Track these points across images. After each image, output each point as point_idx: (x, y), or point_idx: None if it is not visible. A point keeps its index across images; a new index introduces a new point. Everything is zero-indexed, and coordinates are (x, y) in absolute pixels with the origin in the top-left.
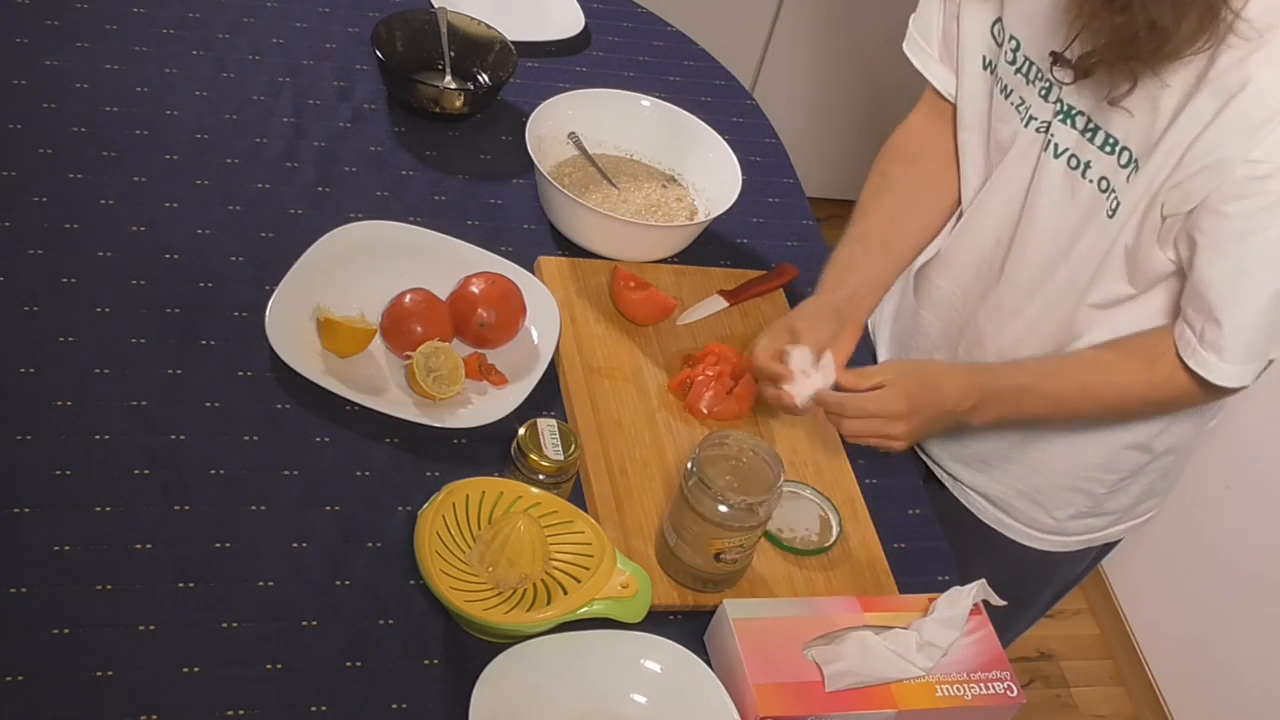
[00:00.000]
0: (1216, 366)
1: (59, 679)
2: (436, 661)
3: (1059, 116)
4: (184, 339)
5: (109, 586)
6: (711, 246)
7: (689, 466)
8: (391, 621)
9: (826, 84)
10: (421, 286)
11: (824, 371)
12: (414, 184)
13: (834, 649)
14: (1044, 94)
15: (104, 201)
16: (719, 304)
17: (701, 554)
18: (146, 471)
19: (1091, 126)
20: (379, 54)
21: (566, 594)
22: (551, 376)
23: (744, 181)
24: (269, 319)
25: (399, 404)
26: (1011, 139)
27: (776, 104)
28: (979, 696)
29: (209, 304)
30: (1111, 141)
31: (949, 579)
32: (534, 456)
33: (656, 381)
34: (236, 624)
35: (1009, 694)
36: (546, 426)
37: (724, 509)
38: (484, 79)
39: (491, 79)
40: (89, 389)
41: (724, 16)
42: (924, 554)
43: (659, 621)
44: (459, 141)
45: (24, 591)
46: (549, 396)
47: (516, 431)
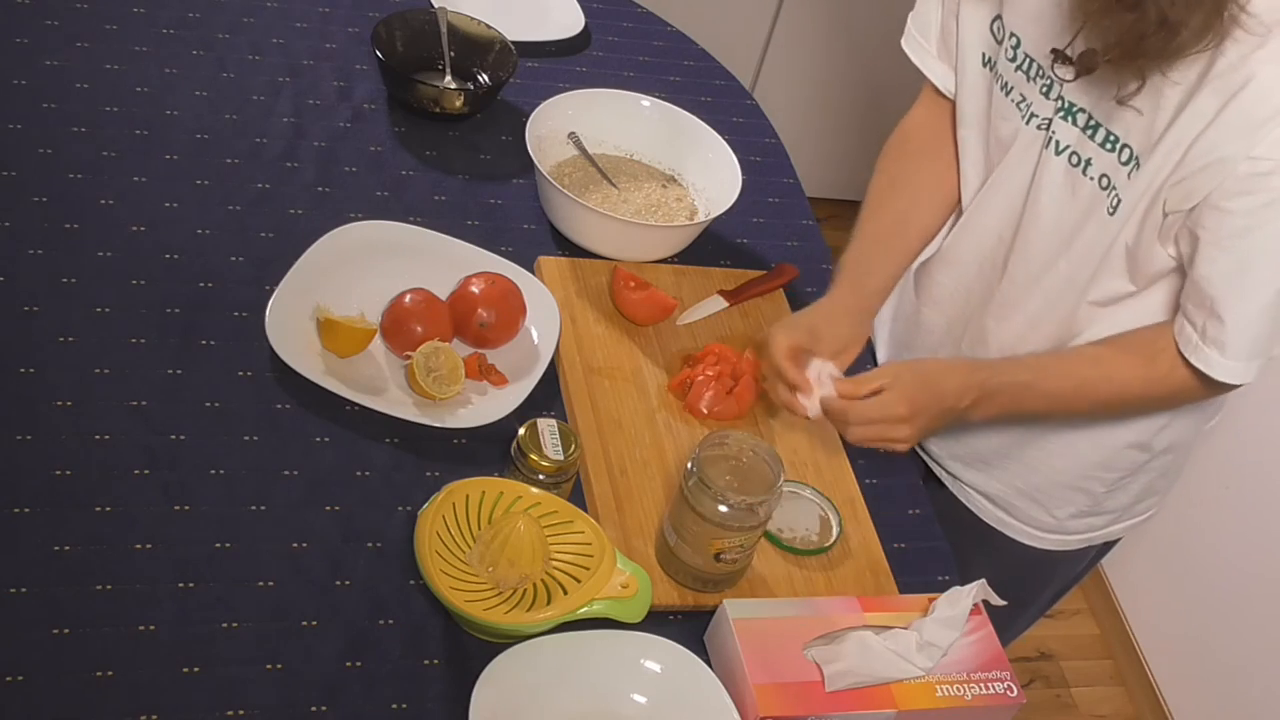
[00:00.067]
0: (1219, 363)
1: (59, 679)
2: (436, 661)
3: (1060, 114)
4: (184, 339)
5: (109, 586)
6: (711, 246)
7: (689, 466)
8: (391, 621)
9: (826, 84)
10: (421, 286)
11: (830, 381)
12: (414, 184)
13: (834, 649)
14: (1045, 91)
15: (104, 201)
16: (719, 304)
17: (701, 554)
18: (146, 471)
19: (1092, 124)
20: (379, 54)
21: (566, 594)
22: (551, 376)
23: (744, 181)
24: (269, 319)
25: (399, 404)
26: (1012, 136)
27: (776, 104)
28: (979, 696)
29: (209, 304)
30: (1112, 139)
31: (949, 579)
32: (534, 456)
33: (656, 381)
34: (236, 624)
35: (1009, 694)
36: (546, 426)
37: (724, 509)
38: (484, 79)
39: (491, 79)
40: (89, 389)
41: (724, 16)
42: (924, 554)
43: (659, 621)
44: (459, 141)
45: (24, 591)
46: (549, 396)
47: (516, 431)
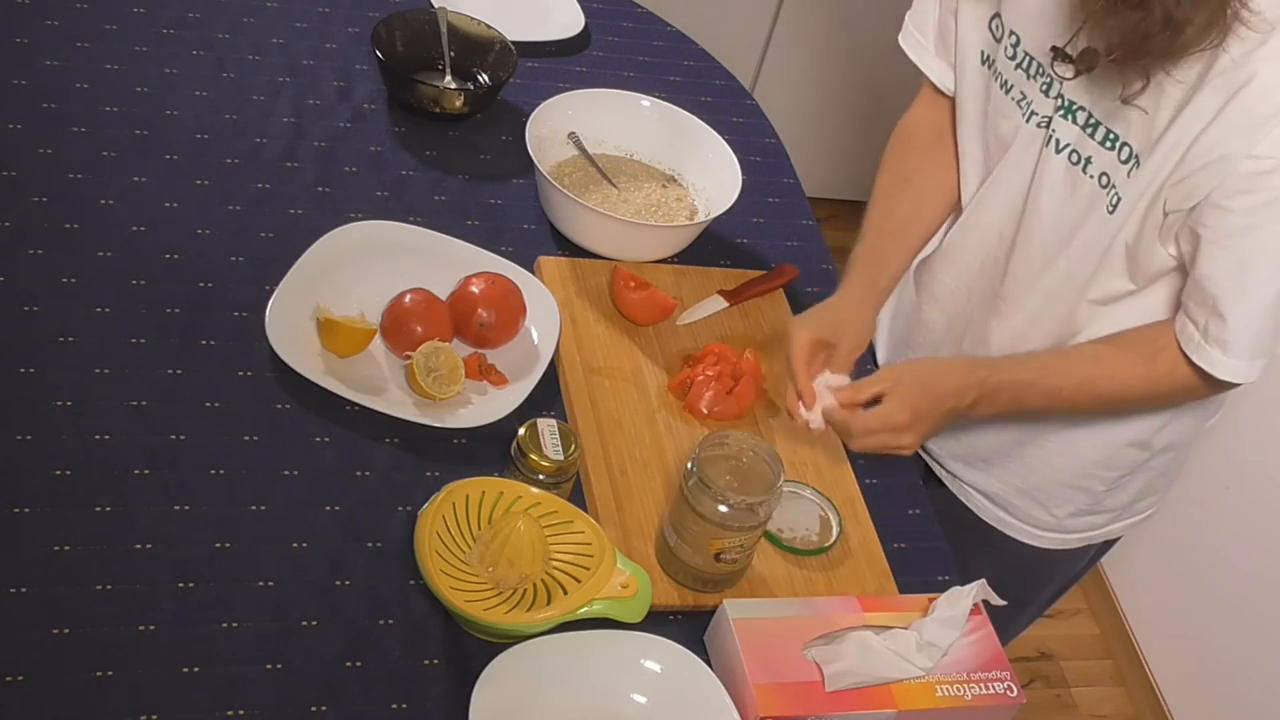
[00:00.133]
0: (1221, 362)
1: (59, 679)
2: (436, 661)
3: (1060, 112)
4: (184, 339)
5: (109, 586)
6: (711, 246)
7: (689, 466)
8: (391, 621)
9: (826, 84)
10: (421, 286)
11: (830, 393)
12: (414, 184)
13: (834, 649)
14: (1045, 89)
15: (104, 201)
16: (719, 304)
17: (701, 554)
18: (146, 471)
19: (1092, 122)
20: (379, 54)
21: (566, 594)
22: (551, 376)
23: (744, 181)
24: (269, 319)
25: (399, 404)
26: (1013, 134)
27: (776, 104)
28: (979, 696)
29: (209, 304)
30: (1112, 137)
31: (949, 579)
32: (534, 456)
33: (656, 381)
34: (236, 624)
35: (1009, 694)
36: (546, 426)
37: (724, 509)
38: (484, 79)
39: (491, 79)
40: (89, 389)
41: (724, 16)
42: (924, 554)
43: (659, 621)
44: (459, 141)
45: (24, 591)
46: (549, 396)
47: (516, 431)
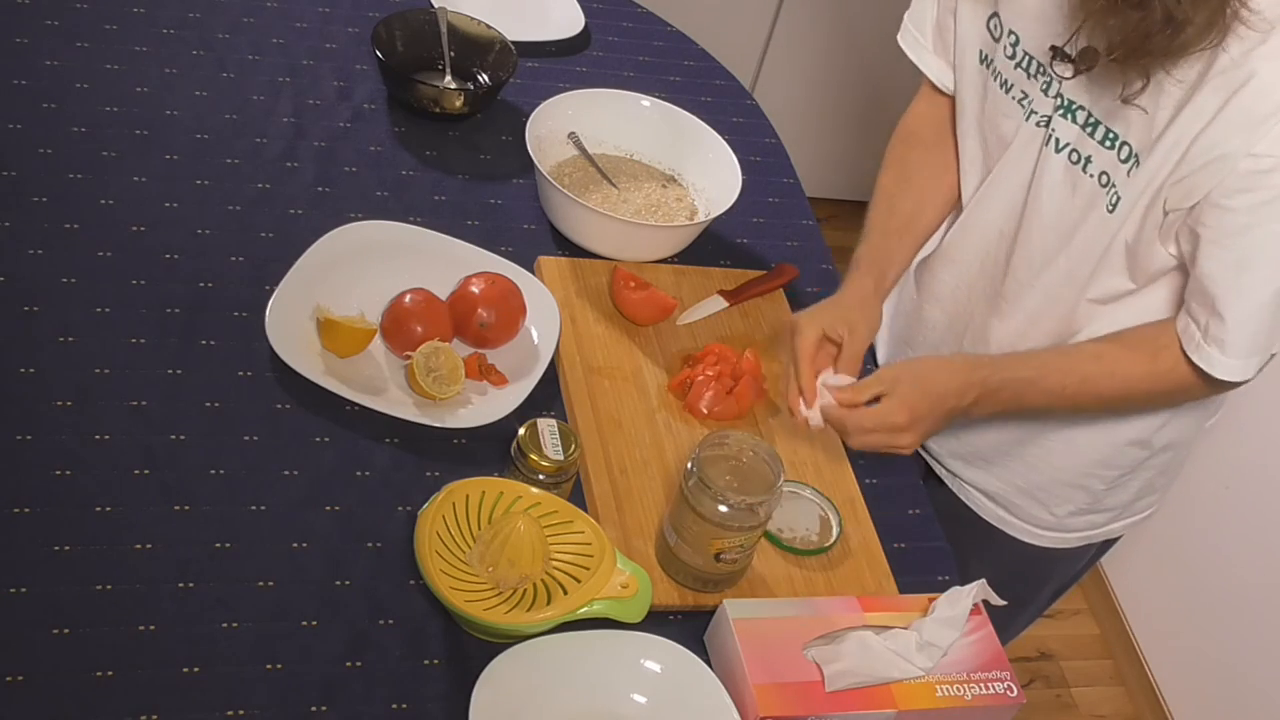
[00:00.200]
0: (1219, 361)
1: (59, 679)
2: (436, 661)
3: (1059, 111)
4: (184, 339)
5: (109, 586)
6: (711, 246)
7: (689, 466)
8: (391, 621)
9: (826, 84)
10: (421, 286)
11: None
12: (414, 184)
13: (834, 649)
14: (1044, 89)
15: (104, 201)
16: (719, 304)
17: (701, 554)
18: (146, 471)
19: (1092, 121)
20: (379, 54)
21: (566, 594)
22: (551, 376)
23: (744, 181)
24: (269, 319)
25: (399, 404)
26: (1013, 133)
27: (776, 104)
28: (979, 696)
29: (209, 304)
30: (1112, 137)
31: (949, 579)
32: (534, 456)
33: (656, 381)
34: (236, 624)
35: (1009, 694)
36: (546, 426)
37: (724, 509)
38: (484, 79)
39: (491, 79)
40: (89, 389)
41: (724, 16)
42: (924, 554)
43: (659, 621)
44: (459, 141)
45: (24, 591)
46: (549, 396)
47: (516, 431)
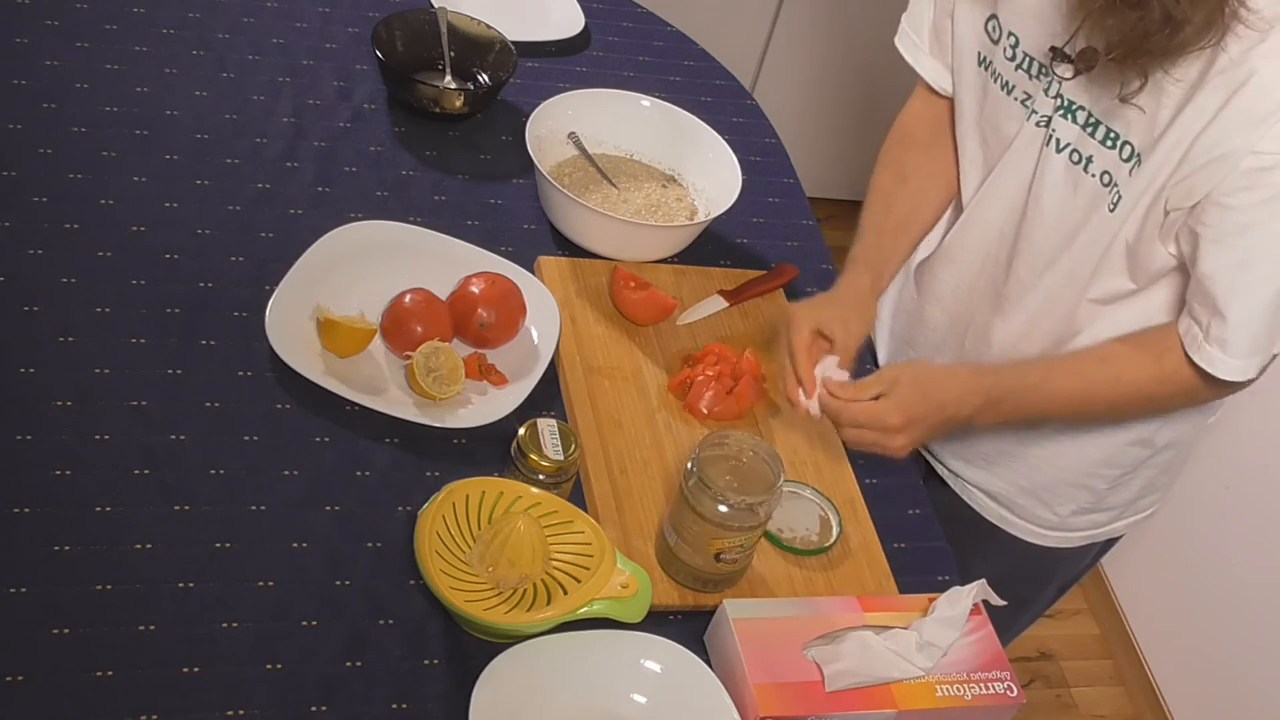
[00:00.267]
0: (1221, 361)
1: (59, 679)
2: (436, 661)
3: (1059, 112)
4: (184, 339)
5: (109, 586)
6: (711, 246)
7: (689, 466)
8: (391, 621)
9: (826, 84)
10: (421, 286)
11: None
12: (414, 184)
13: (834, 649)
14: (1045, 89)
15: (104, 201)
16: (719, 304)
17: (701, 554)
18: (146, 471)
19: (1092, 121)
20: (379, 54)
21: (566, 594)
22: (551, 376)
23: (744, 181)
24: (269, 319)
25: (399, 404)
26: (1014, 134)
27: (776, 104)
28: (979, 696)
29: (209, 304)
30: (1113, 136)
31: (949, 579)
32: (534, 456)
33: (656, 381)
34: (236, 624)
35: (1009, 694)
36: (546, 426)
37: (724, 509)
38: (484, 79)
39: (491, 79)
40: (89, 389)
41: (724, 16)
42: (924, 554)
43: (659, 621)
44: (459, 141)
45: (24, 591)
46: (549, 396)
47: (516, 431)
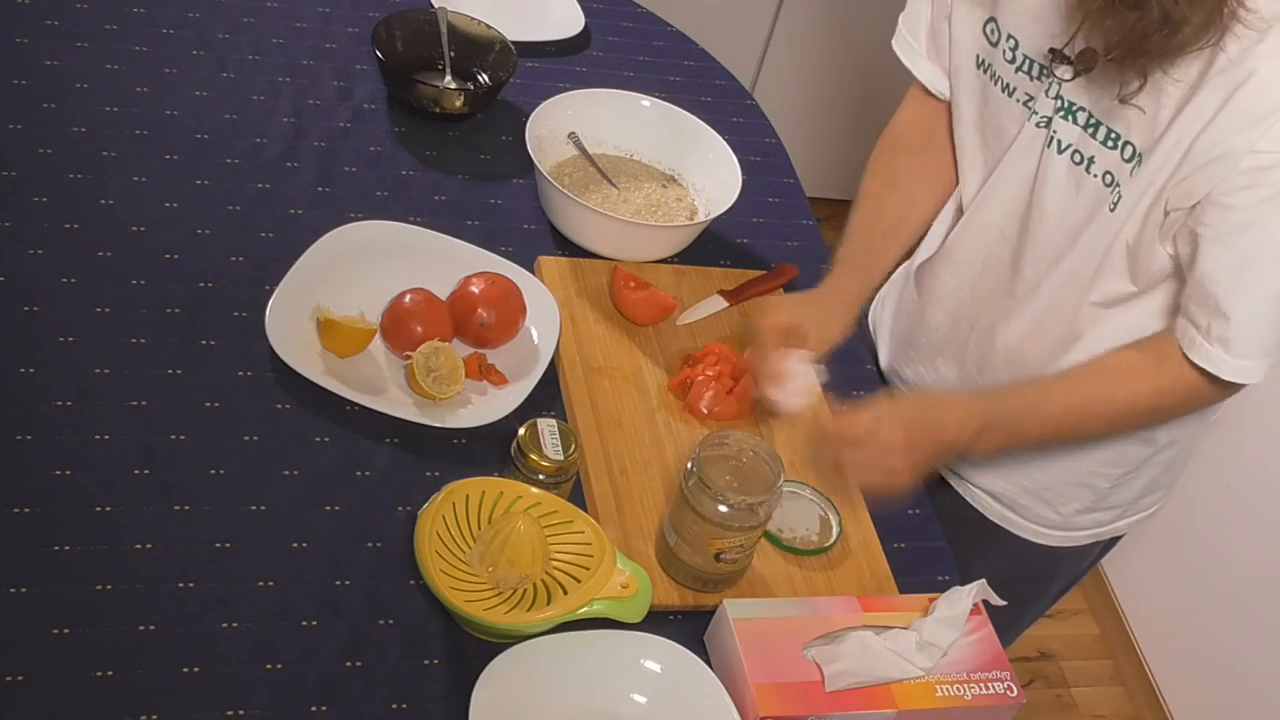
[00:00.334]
0: (1225, 361)
1: (59, 679)
2: (436, 661)
3: (1060, 113)
4: (184, 339)
5: (109, 586)
6: (711, 246)
7: (689, 466)
8: (391, 621)
9: (826, 84)
10: (421, 286)
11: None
12: (414, 184)
13: (834, 649)
14: (1045, 91)
15: (104, 201)
16: (719, 304)
17: (701, 554)
18: (146, 471)
19: (1093, 122)
20: (379, 54)
21: (566, 594)
22: (551, 376)
23: (744, 181)
24: (269, 319)
25: (399, 404)
26: (1015, 135)
27: (776, 104)
28: (979, 696)
29: (209, 304)
30: (1114, 137)
31: (949, 579)
32: (534, 456)
33: (656, 381)
34: (236, 624)
35: (1009, 694)
36: (546, 426)
37: (724, 509)
38: (484, 79)
39: (491, 79)
40: (89, 389)
41: (724, 16)
42: (924, 554)
43: (659, 621)
44: (459, 141)
45: (24, 591)
46: (549, 396)
47: (516, 431)
